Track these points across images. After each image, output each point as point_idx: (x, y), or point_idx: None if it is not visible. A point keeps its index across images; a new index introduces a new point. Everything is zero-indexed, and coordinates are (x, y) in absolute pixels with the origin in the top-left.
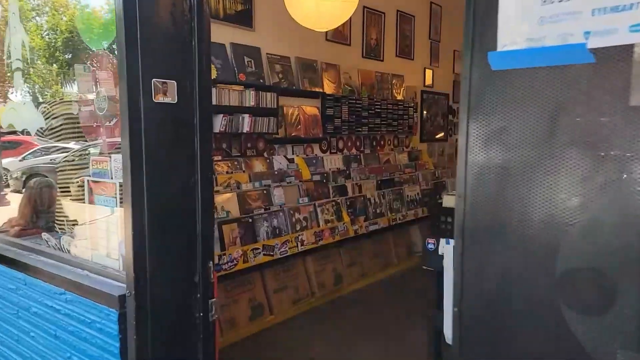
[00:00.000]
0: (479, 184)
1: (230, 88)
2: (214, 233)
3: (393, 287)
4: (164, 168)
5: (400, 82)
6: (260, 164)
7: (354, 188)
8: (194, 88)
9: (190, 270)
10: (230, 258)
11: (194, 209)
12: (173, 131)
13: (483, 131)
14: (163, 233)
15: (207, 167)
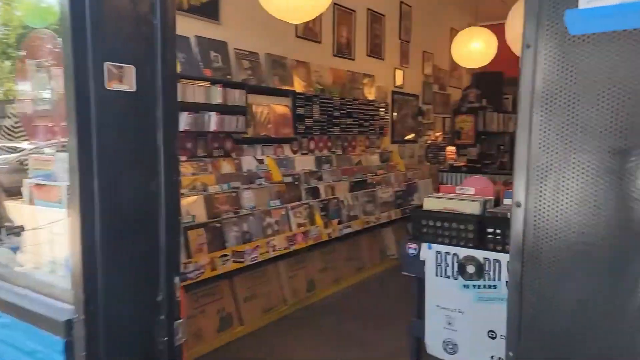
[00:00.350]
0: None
1: (196, 84)
2: (180, 244)
3: (368, 291)
4: (119, 169)
5: (371, 82)
6: (228, 165)
7: (326, 190)
8: (156, 75)
9: (152, 288)
10: (196, 266)
11: (157, 217)
12: (131, 125)
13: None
14: (119, 246)
15: (172, 168)
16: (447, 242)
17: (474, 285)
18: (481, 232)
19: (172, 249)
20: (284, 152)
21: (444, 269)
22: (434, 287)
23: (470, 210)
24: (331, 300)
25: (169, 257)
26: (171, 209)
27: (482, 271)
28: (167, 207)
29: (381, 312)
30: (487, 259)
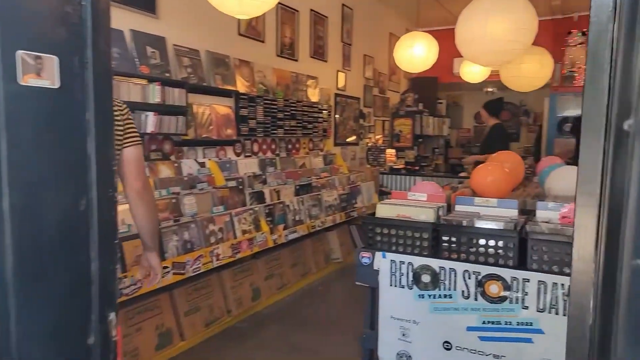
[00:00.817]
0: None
1: (131, 81)
2: (116, 272)
3: (314, 297)
4: (38, 185)
5: (314, 84)
6: (167, 168)
7: (272, 194)
8: (86, 67)
9: (81, 329)
10: (133, 280)
11: (87, 241)
12: (54, 130)
13: None
14: (38, 281)
15: (107, 182)
16: (401, 250)
17: (429, 295)
18: (436, 240)
19: (106, 279)
20: (227, 154)
21: (398, 278)
22: (388, 298)
23: (425, 218)
24: (277, 308)
25: (102, 290)
26: (106, 231)
27: (438, 280)
28: (100, 229)
29: (328, 319)
30: (442, 267)
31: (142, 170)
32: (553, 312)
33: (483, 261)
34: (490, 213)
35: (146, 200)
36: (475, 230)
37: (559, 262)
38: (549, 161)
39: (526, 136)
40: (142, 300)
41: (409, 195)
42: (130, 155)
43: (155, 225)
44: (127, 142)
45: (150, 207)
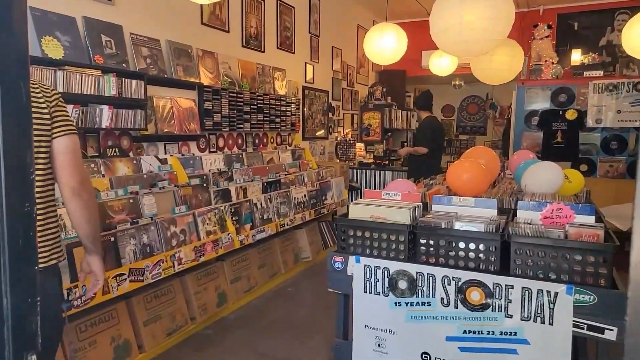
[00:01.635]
0: None
1: (84, 72)
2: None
3: (282, 299)
4: None
5: (282, 76)
6: (124, 166)
7: (238, 192)
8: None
9: None
10: (84, 290)
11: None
12: None
13: None
14: None
15: (23, 194)
16: (376, 254)
17: (406, 302)
18: (413, 244)
19: (23, 314)
20: (190, 150)
21: (373, 284)
22: (362, 305)
23: (401, 219)
24: (244, 312)
25: (18, 327)
26: (21, 256)
27: (415, 287)
28: (12, 254)
29: (298, 323)
30: (420, 273)
31: (77, 165)
32: (539, 320)
33: (463, 266)
34: (469, 213)
35: (84, 199)
36: (455, 232)
37: (544, 267)
38: (522, 156)
39: (493, 130)
40: (96, 311)
41: (383, 195)
42: (61, 146)
43: (96, 227)
44: (57, 132)
45: (89, 207)
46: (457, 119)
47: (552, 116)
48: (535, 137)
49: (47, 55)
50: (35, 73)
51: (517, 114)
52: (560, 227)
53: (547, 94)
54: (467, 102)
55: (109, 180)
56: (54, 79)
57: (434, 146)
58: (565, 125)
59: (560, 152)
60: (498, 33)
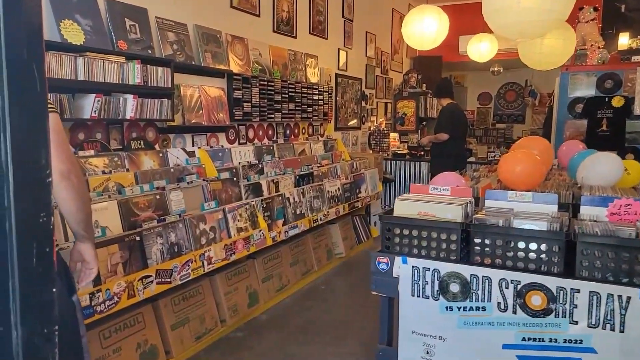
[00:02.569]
0: None
1: (106, 59)
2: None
3: (316, 298)
4: None
5: (314, 63)
6: (150, 159)
7: (269, 186)
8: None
9: None
10: (108, 295)
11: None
12: None
13: None
14: None
15: (36, 200)
16: (425, 255)
17: (459, 307)
18: (466, 243)
19: (36, 348)
20: (219, 142)
21: (422, 287)
22: (409, 309)
23: (452, 216)
24: (276, 312)
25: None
26: (35, 278)
27: (469, 290)
28: (23, 276)
29: (333, 324)
30: (474, 275)
31: (63, 146)
32: (608, 327)
33: (523, 268)
34: (527, 209)
35: (74, 183)
36: (513, 231)
37: (614, 270)
38: (572, 146)
39: (532, 118)
40: (119, 317)
41: (430, 189)
42: None
43: (87, 212)
44: None
45: (80, 191)
46: (494, 107)
47: (597, 103)
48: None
49: (67, 40)
50: (53, 60)
51: (560, 101)
52: (631, 224)
53: (592, 80)
54: (505, 89)
55: (133, 175)
56: (74, 66)
57: (456, 133)
58: (611, 113)
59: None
60: (558, 13)
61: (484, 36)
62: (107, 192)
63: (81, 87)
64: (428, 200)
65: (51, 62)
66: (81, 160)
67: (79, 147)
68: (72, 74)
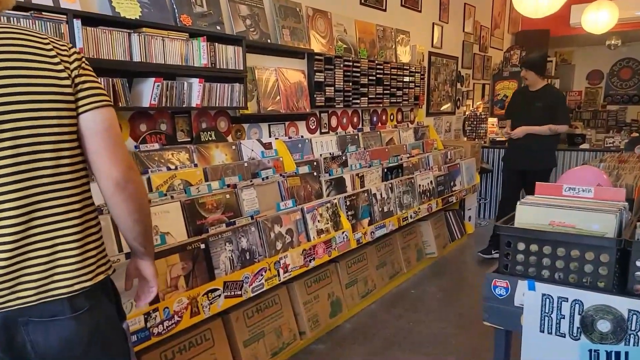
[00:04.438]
0: None
1: (166, 36)
2: None
3: (405, 304)
4: None
5: (405, 40)
6: (222, 152)
7: (354, 180)
8: None
9: None
10: (167, 314)
11: None
12: None
13: None
14: None
15: None
16: (561, 279)
17: (608, 351)
18: (623, 267)
19: None
20: (299, 132)
21: (555, 322)
22: (536, 349)
23: (600, 228)
24: (361, 321)
25: None
26: None
27: (624, 331)
28: None
29: (424, 338)
30: (634, 312)
31: (118, 148)
32: None
33: None
34: None
35: (131, 193)
36: None
37: None
38: None
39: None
40: (185, 333)
41: (564, 190)
42: (93, 124)
43: (147, 223)
44: (84, 105)
45: (138, 200)
46: (605, 87)
47: None
48: None
49: (119, 14)
50: (102, 37)
51: None
52: None
53: None
54: (620, 65)
55: (202, 171)
56: (129, 44)
57: None
58: None
59: None
60: None
61: (602, 3)
62: (172, 191)
63: (138, 69)
64: (564, 206)
65: (100, 40)
66: (143, 154)
67: (141, 140)
68: (126, 54)
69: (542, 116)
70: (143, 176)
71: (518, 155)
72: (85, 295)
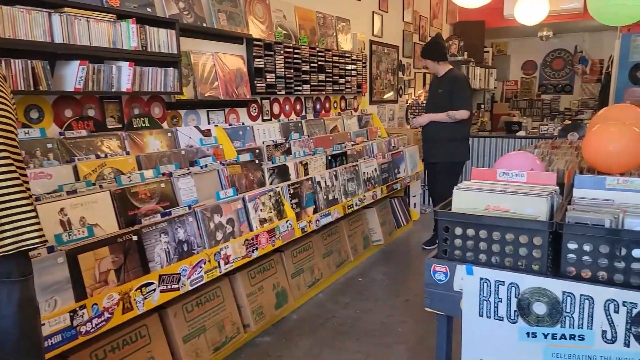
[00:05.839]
0: None
1: (92, 17)
2: None
3: (352, 292)
4: None
5: (346, 28)
6: (156, 139)
7: (297, 168)
8: None
9: None
10: (96, 311)
11: None
12: None
13: None
14: None
15: None
16: (498, 263)
17: (545, 333)
18: (556, 250)
19: None
20: (240, 118)
21: (493, 305)
22: (476, 334)
23: (533, 212)
24: (307, 311)
25: None
26: None
27: (560, 313)
28: None
29: (373, 326)
30: (568, 293)
31: None
32: None
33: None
34: (633, 201)
35: None
36: (627, 234)
37: None
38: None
39: (581, 87)
40: (118, 331)
41: (498, 175)
42: None
43: None
44: None
45: None
46: (539, 77)
47: None
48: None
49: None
50: (20, 17)
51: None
52: None
53: None
54: (552, 56)
55: (135, 159)
56: (49, 24)
57: (471, 110)
58: None
59: None
60: None
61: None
62: (101, 180)
63: (60, 51)
64: (498, 190)
65: (17, 20)
66: (68, 142)
67: (67, 127)
68: (46, 35)
69: (443, 102)
70: (69, 164)
71: (425, 146)
72: None
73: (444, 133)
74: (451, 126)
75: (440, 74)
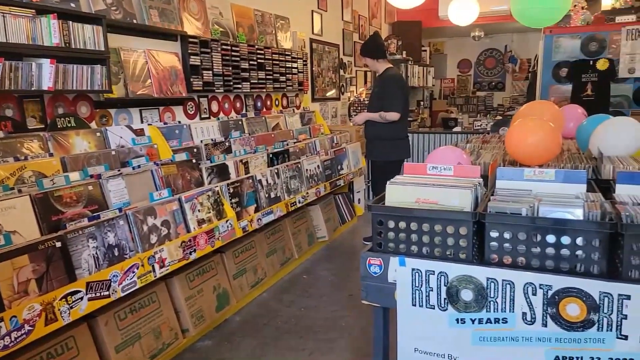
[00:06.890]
0: None
1: (9, 12)
2: None
3: (296, 290)
4: None
5: (285, 27)
6: (84, 140)
7: (238, 167)
8: None
9: None
10: (15, 324)
11: None
12: None
13: None
14: None
15: None
16: (428, 254)
17: (472, 319)
18: (480, 239)
19: None
20: (176, 117)
21: (425, 294)
22: (410, 323)
23: (459, 203)
24: (250, 312)
25: None
26: None
27: (485, 298)
28: None
29: (317, 323)
30: (492, 279)
31: None
32: None
33: (553, 268)
34: (549, 190)
35: None
36: (541, 222)
37: None
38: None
39: (512, 85)
40: (43, 344)
41: (428, 169)
42: None
43: None
44: None
45: None
46: (474, 75)
47: (581, 67)
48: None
49: None
50: None
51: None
52: None
53: (577, 43)
54: (485, 56)
55: (59, 161)
56: None
57: (406, 111)
58: (596, 77)
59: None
60: None
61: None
62: (21, 184)
63: None
64: (427, 184)
65: None
66: None
67: None
68: None
69: (377, 102)
70: None
71: (366, 144)
72: None
73: (379, 132)
74: (385, 126)
75: (379, 72)
